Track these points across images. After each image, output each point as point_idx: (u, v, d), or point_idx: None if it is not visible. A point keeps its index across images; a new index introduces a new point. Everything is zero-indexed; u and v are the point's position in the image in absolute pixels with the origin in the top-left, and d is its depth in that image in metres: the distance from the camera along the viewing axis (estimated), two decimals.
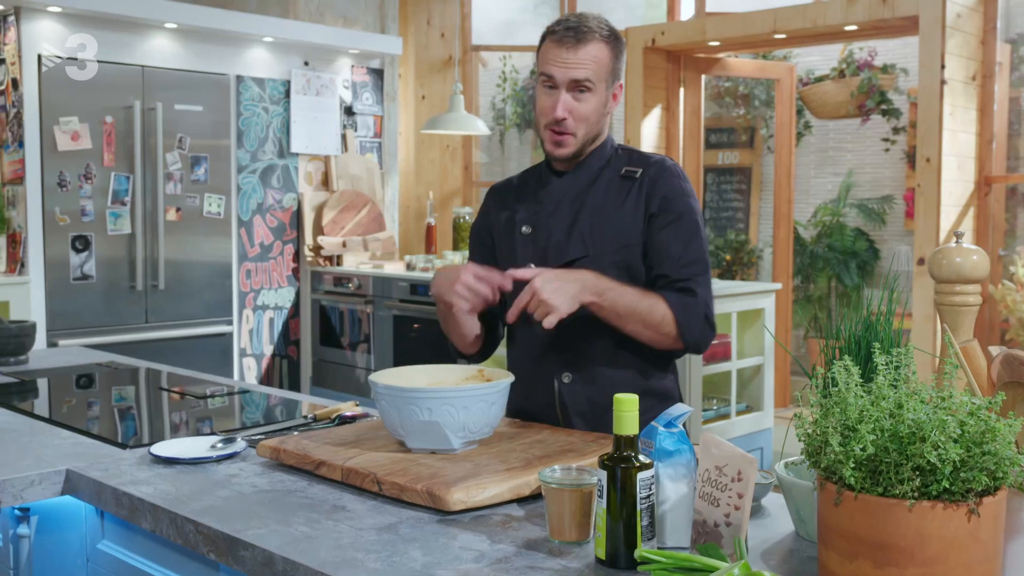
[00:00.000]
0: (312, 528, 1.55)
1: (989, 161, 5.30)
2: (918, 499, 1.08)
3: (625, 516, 1.36)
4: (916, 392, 1.15)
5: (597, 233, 2.08)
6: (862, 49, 7.67)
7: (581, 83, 2.02)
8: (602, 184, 2.12)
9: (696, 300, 2.02)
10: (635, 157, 2.15)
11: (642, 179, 2.09)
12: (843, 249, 7.89)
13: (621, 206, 2.08)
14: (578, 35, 2.01)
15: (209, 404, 2.53)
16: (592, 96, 2.04)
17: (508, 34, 7.59)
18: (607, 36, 2.04)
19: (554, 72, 2.03)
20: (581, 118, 2.05)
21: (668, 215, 2.06)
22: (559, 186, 2.15)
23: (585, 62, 2.01)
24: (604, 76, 2.04)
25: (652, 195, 2.07)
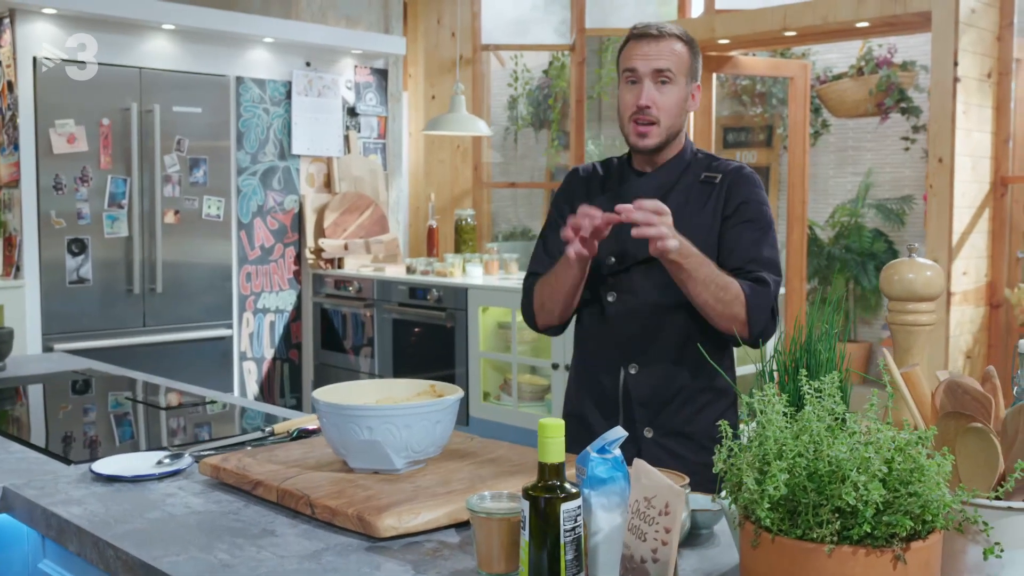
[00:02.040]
0: (232, 555, 1.47)
1: (1005, 161, 5.14)
2: (838, 543, 0.99)
3: (549, 549, 1.28)
4: (844, 425, 1.06)
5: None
6: (881, 46, 7.51)
7: (663, 73, 2.12)
8: (682, 187, 2.19)
9: (768, 291, 2.08)
10: (714, 163, 2.22)
11: (721, 184, 2.18)
12: (861, 250, 7.73)
13: (700, 211, 2.16)
14: (659, 31, 2.14)
15: (170, 416, 2.47)
16: (673, 87, 2.13)
17: (519, 33, 7.50)
18: (685, 37, 2.18)
19: (637, 65, 2.13)
20: (664, 108, 2.13)
21: (743, 215, 2.14)
22: (641, 185, 2.21)
23: (666, 54, 2.12)
24: (684, 70, 2.15)
25: (729, 199, 2.16)
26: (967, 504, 1.02)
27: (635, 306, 2.18)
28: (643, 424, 2.17)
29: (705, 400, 2.18)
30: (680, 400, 2.18)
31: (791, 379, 1.22)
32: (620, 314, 2.19)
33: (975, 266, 5.05)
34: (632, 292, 2.18)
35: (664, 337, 2.17)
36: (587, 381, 2.28)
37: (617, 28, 7.10)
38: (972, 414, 1.06)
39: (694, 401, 2.18)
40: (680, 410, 2.17)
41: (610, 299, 2.21)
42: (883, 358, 1.13)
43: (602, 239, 2.08)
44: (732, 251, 2.13)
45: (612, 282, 2.21)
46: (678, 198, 2.16)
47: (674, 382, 2.17)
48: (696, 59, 2.19)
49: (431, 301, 4.98)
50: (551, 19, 7.72)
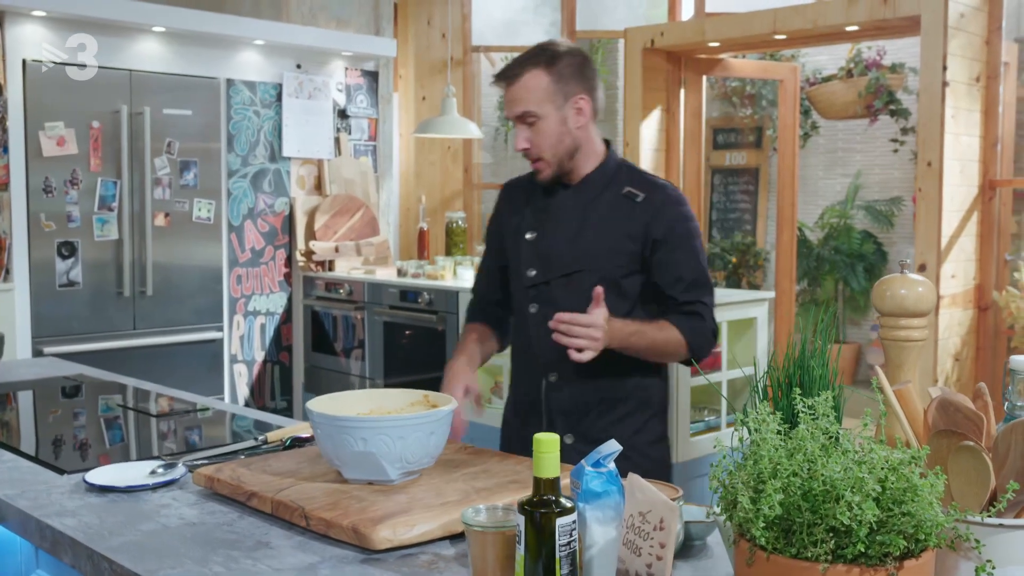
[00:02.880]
0: (227, 568, 1.47)
1: (994, 164, 5.17)
2: (832, 562, 1.00)
3: (544, 563, 1.29)
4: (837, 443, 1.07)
5: (596, 248, 2.21)
6: (870, 48, 7.54)
7: (525, 116, 2.17)
8: (605, 201, 2.23)
9: (704, 324, 2.19)
10: (637, 179, 2.26)
11: (645, 204, 2.21)
12: (850, 252, 7.76)
13: (622, 224, 2.21)
14: (508, 75, 2.19)
15: (163, 424, 2.46)
16: (542, 122, 2.17)
17: (509, 34, 7.50)
18: (544, 61, 2.17)
19: (506, 113, 2.24)
20: (539, 144, 2.18)
21: (673, 242, 2.19)
22: (564, 198, 2.26)
23: (519, 97, 2.17)
24: (548, 99, 2.16)
25: (656, 222, 2.19)
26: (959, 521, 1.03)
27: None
28: (564, 431, 2.23)
29: (626, 410, 2.26)
30: (599, 409, 2.25)
31: (784, 395, 1.23)
32: (540, 325, 2.22)
33: (963, 269, 5.08)
34: (552, 303, 2.20)
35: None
36: (515, 389, 2.39)
37: (608, 30, 7.12)
38: (964, 432, 1.07)
39: (614, 410, 2.25)
40: (599, 419, 2.24)
41: (532, 310, 2.28)
42: (876, 376, 1.14)
43: None
44: (668, 281, 2.19)
45: (533, 294, 2.27)
46: (600, 210, 2.22)
47: (594, 392, 2.23)
48: (565, 77, 2.17)
49: (422, 304, 4.98)
50: (541, 21, 7.73)
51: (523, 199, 2.34)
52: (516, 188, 2.40)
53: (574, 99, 2.18)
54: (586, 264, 2.20)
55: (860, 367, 7.83)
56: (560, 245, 2.23)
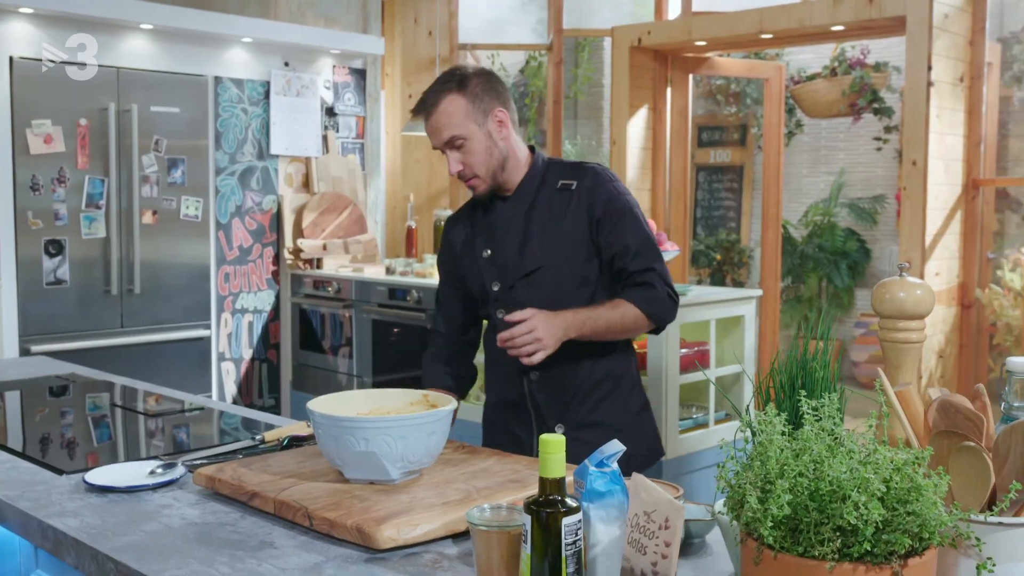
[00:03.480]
0: (233, 568, 1.49)
1: (977, 164, 5.22)
2: (839, 561, 1.02)
3: (550, 562, 1.30)
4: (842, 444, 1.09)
5: (547, 245, 2.30)
6: (854, 47, 7.59)
7: (452, 141, 2.23)
8: (543, 200, 2.32)
9: (656, 292, 2.27)
10: (566, 169, 2.36)
11: (579, 190, 2.30)
12: (834, 249, 7.82)
13: (564, 217, 2.30)
14: (426, 106, 2.25)
15: (159, 423, 2.47)
16: (469, 143, 2.23)
17: (495, 33, 7.51)
18: (454, 86, 2.24)
19: (432, 143, 2.29)
20: (471, 163, 2.25)
21: (613, 216, 2.28)
22: (505, 210, 2.35)
23: (441, 124, 2.23)
24: (469, 119, 2.23)
25: (593, 203, 2.28)
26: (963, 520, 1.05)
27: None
28: (554, 421, 2.33)
29: (605, 391, 2.36)
30: (581, 395, 2.34)
31: (787, 397, 1.25)
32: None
33: (947, 267, 5.13)
34: (520, 305, 2.26)
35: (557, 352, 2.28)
36: (497, 392, 2.46)
37: (595, 29, 7.15)
38: (965, 433, 1.10)
39: (593, 393, 2.34)
40: (583, 403, 2.34)
41: (500, 316, 2.34)
42: (879, 378, 1.16)
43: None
44: (616, 254, 2.27)
45: (500, 301, 2.35)
46: (541, 213, 2.30)
47: (573, 380, 2.32)
48: (479, 95, 2.24)
49: (411, 302, 4.99)
50: (528, 19, 7.74)
51: (467, 226, 2.41)
52: (458, 220, 2.45)
53: (492, 114, 2.25)
54: (542, 261, 2.29)
55: (844, 364, 7.89)
56: (514, 253, 2.31)
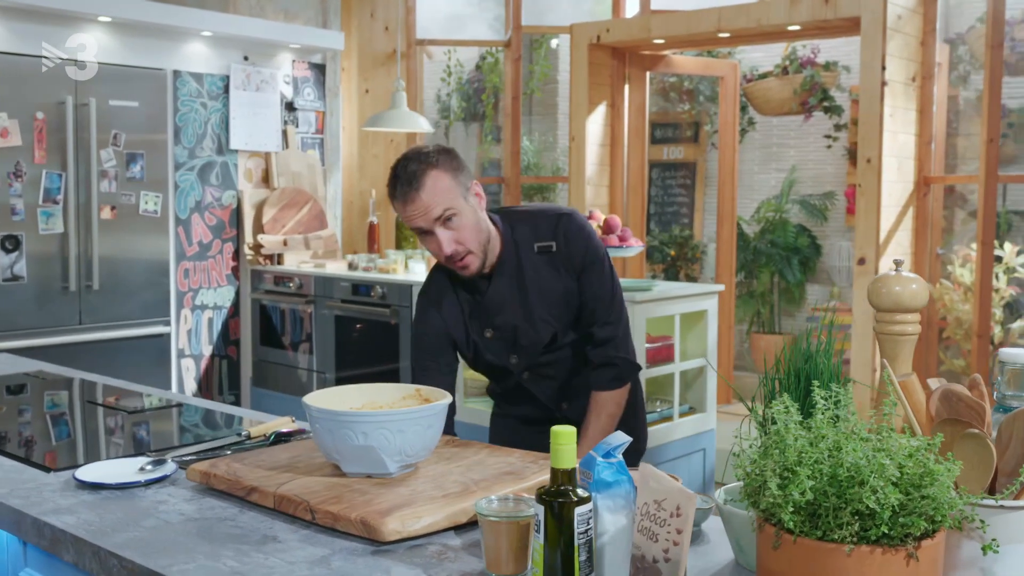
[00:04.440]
0: (240, 562, 1.49)
1: (928, 161, 5.36)
2: (857, 544, 1.06)
3: (563, 551, 1.33)
4: (855, 432, 1.13)
5: (552, 309, 2.29)
6: (805, 47, 7.72)
7: (443, 215, 2.14)
8: (528, 266, 2.28)
9: (620, 370, 2.33)
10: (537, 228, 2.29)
11: (559, 250, 2.28)
12: (786, 245, 7.95)
13: (554, 278, 2.28)
14: (412, 184, 2.13)
15: (140, 420, 2.45)
16: (460, 217, 2.16)
17: (453, 28, 7.52)
18: (434, 161, 2.15)
19: (419, 224, 2.16)
20: (466, 239, 2.18)
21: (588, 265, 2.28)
22: (495, 287, 2.29)
23: (433, 200, 2.13)
24: (457, 194, 2.16)
25: (571, 258, 2.27)
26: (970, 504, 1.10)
27: (548, 372, 2.37)
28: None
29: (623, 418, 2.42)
30: None
31: (794, 388, 1.29)
32: (538, 383, 2.39)
33: None
34: (542, 366, 2.35)
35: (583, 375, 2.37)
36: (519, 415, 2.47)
37: (553, 26, 7.19)
38: (968, 420, 1.15)
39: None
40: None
41: (525, 377, 2.37)
42: (886, 369, 1.21)
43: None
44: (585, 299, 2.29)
45: (521, 369, 2.36)
46: (533, 278, 2.27)
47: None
48: (458, 169, 2.17)
49: (375, 297, 4.99)
50: (485, 15, 7.76)
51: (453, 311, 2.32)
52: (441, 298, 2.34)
53: (471, 187, 2.21)
54: (554, 326, 2.30)
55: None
56: (523, 329, 2.29)
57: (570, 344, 2.34)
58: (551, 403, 2.41)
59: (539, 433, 2.39)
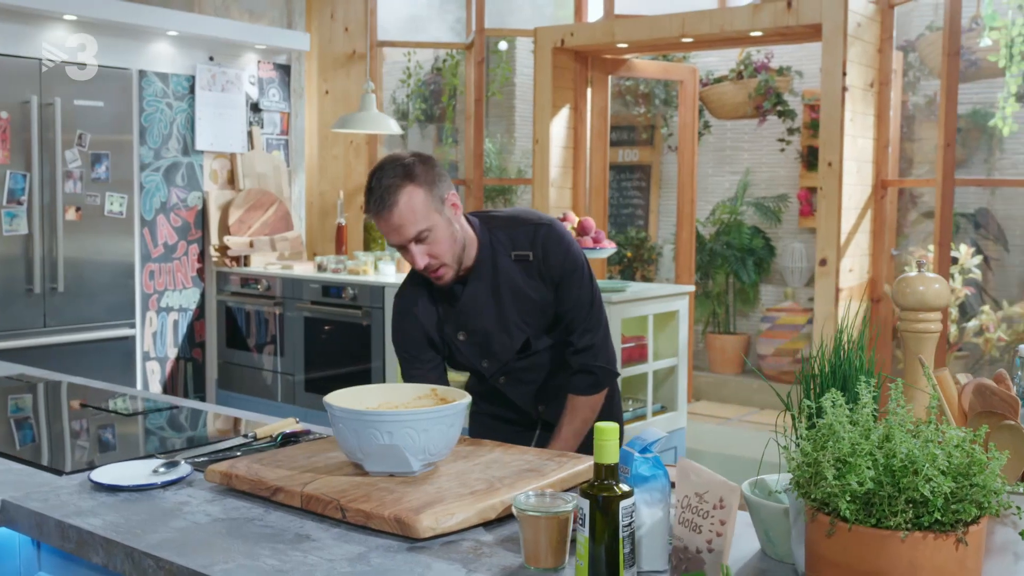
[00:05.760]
0: (280, 561, 1.51)
1: (885, 165, 5.51)
2: (911, 530, 1.12)
3: (607, 544, 1.37)
4: (902, 424, 1.19)
5: (526, 316, 2.30)
6: (759, 52, 7.87)
7: (418, 235, 2.13)
8: (503, 273, 2.27)
9: (598, 378, 2.34)
10: (514, 235, 2.28)
11: (535, 260, 2.27)
12: (741, 246, 8.09)
13: (529, 285, 2.28)
14: (385, 202, 2.10)
15: (142, 422, 2.44)
16: (435, 232, 2.15)
17: (414, 30, 7.53)
18: (409, 176, 2.11)
19: (393, 240, 2.17)
20: (440, 253, 2.18)
21: (566, 276, 2.28)
22: (470, 291, 2.29)
23: (406, 220, 2.11)
24: (432, 210, 2.13)
25: (549, 270, 2.26)
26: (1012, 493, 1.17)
27: (524, 377, 2.39)
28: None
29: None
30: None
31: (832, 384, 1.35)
32: (514, 387, 2.41)
33: (859, 264, 5.40)
34: (517, 371, 2.37)
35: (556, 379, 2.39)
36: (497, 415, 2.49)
37: (515, 29, 7.24)
38: (1003, 412, 1.22)
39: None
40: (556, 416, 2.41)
41: (501, 381, 2.39)
42: (925, 366, 1.27)
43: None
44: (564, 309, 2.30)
45: (495, 374, 2.38)
46: (507, 284, 2.27)
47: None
48: (432, 181, 2.14)
49: (346, 299, 4.99)
50: (446, 17, 7.78)
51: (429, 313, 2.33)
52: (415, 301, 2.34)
53: (447, 198, 2.18)
54: (527, 332, 2.31)
55: (749, 356, 8.17)
56: (496, 334, 2.29)
57: (546, 349, 2.36)
58: (527, 406, 2.44)
59: (517, 432, 2.45)
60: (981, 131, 6.82)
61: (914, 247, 6.55)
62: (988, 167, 6.88)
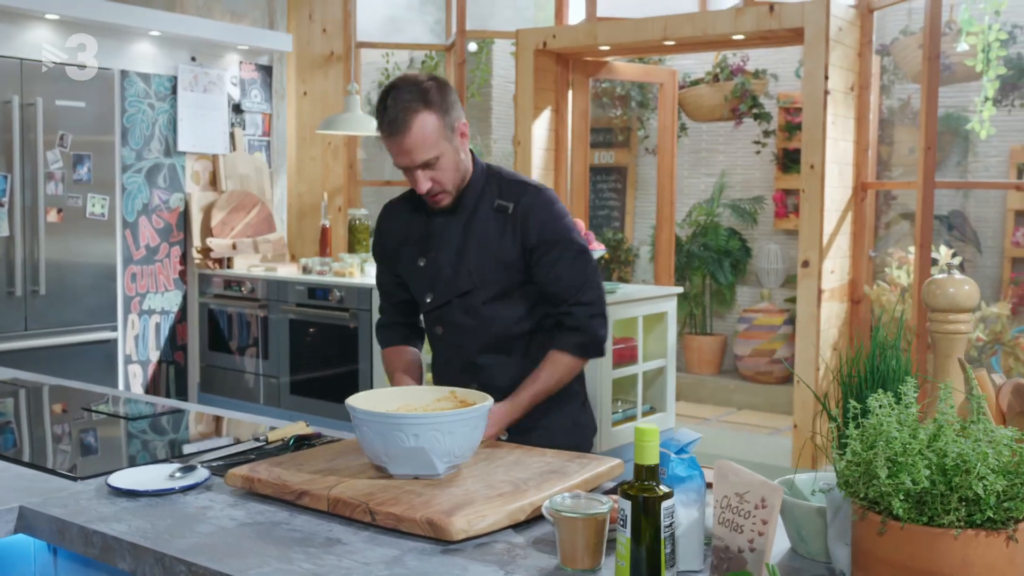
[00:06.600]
0: (316, 564, 1.51)
1: (865, 168, 5.58)
2: (963, 528, 1.14)
3: (648, 545, 1.38)
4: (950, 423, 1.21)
5: (481, 266, 2.25)
6: (735, 55, 7.94)
7: (426, 162, 2.13)
8: (480, 218, 2.26)
9: (588, 336, 2.24)
10: (505, 187, 2.27)
11: (515, 213, 2.23)
12: (717, 248, 8.15)
13: (500, 239, 2.24)
14: (399, 124, 2.09)
15: (147, 426, 2.42)
16: (442, 159, 2.15)
17: (393, 31, 7.51)
18: (423, 101, 2.10)
19: (401, 162, 2.16)
20: (443, 180, 2.18)
21: (547, 246, 2.22)
22: (444, 221, 2.29)
23: (417, 145, 2.10)
24: (441, 137, 2.13)
25: (527, 229, 2.22)
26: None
27: (462, 337, 2.30)
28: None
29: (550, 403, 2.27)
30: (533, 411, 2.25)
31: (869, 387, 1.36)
32: (451, 345, 2.32)
33: (840, 265, 5.46)
34: (454, 324, 2.29)
35: (497, 359, 2.29)
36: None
37: (496, 31, 7.24)
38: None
39: (539, 406, 2.25)
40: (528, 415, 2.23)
41: (438, 331, 2.34)
42: (968, 367, 1.30)
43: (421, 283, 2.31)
44: (552, 289, 2.23)
45: (435, 316, 2.33)
46: (477, 228, 2.24)
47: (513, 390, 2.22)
48: (448, 110, 2.13)
49: (333, 301, 4.97)
50: (426, 18, 7.77)
51: (405, 223, 2.34)
52: (395, 214, 2.38)
53: (457, 127, 2.17)
54: (476, 282, 2.24)
55: (726, 357, 8.24)
56: (448, 269, 2.26)
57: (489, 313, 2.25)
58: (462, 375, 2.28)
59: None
60: (954, 134, 6.92)
61: (891, 248, 6.64)
62: (961, 170, 6.99)
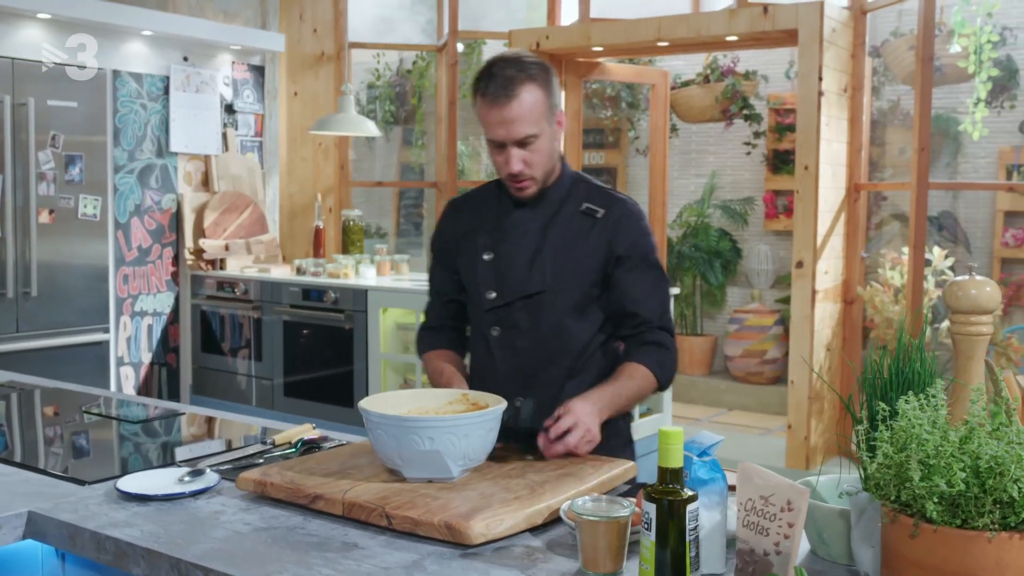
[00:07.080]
0: (335, 570, 1.49)
1: (858, 169, 5.59)
2: (997, 531, 1.13)
3: (673, 548, 1.38)
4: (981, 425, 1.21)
5: (558, 268, 2.12)
6: (725, 56, 7.95)
7: (527, 139, 2.03)
8: (563, 218, 2.15)
9: (670, 355, 2.15)
10: (595, 193, 2.17)
11: (605, 220, 2.13)
12: (708, 249, 8.16)
13: (583, 242, 2.12)
14: (505, 89, 1.99)
15: (152, 430, 2.40)
16: (539, 141, 2.04)
17: (384, 32, 7.49)
18: (536, 74, 2.02)
19: (496, 135, 2.03)
20: (535, 163, 2.07)
21: (636, 260, 2.12)
22: (521, 217, 2.17)
23: (522, 116, 2.00)
24: (544, 116, 2.04)
25: (617, 238, 2.12)
26: None
27: (518, 341, 2.16)
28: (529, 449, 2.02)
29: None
30: None
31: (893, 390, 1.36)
32: (504, 349, 2.17)
33: (833, 266, 5.48)
34: (515, 327, 2.15)
35: (550, 370, 2.15)
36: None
37: (489, 31, 7.22)
38: None
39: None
40: None
41: (494, 333, 2.18)
42: (998, 368, 1.29)
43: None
44: (636, 305, 2.11)
45: (494, 317, 2.18)
46: (559, 228, 2.13)
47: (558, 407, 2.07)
48: (553, 91, 2.06)
49: (328, 302, 4.94)
50: (417, 19, 7.75)
51: (474, 218, 2.23)
52: (464, 207, 2.28)
53: (557, 114, 2.09)
54: (547, 285, 2.12)
55: (716, 358, 8.26)
56: (520, 266, 2.13)
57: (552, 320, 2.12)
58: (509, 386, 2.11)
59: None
60: (944, 135, 6.95)
61: (883, 249, 6.66)
62: (951, 171, 7.02)
